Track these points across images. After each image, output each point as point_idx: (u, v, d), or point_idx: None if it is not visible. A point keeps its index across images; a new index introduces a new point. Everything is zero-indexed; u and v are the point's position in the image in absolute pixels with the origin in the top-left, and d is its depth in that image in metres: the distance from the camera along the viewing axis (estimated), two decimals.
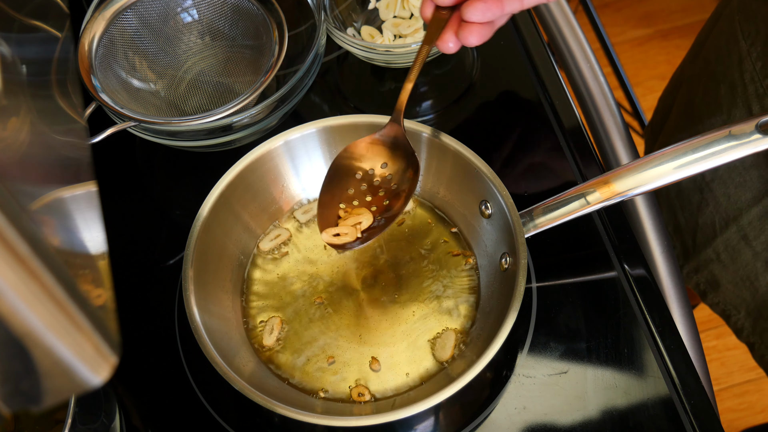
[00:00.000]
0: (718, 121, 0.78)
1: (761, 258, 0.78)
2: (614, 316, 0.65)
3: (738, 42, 0.75)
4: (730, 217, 0.79)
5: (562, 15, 0.86)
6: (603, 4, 1.94)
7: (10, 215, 0.27)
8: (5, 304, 0.27)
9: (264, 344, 0.64)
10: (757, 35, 0.72)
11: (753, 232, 0.78)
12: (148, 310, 0.69)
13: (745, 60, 0.73)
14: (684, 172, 0.58)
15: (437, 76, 0.81)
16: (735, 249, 0.81)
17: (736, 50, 0.75)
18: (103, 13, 0.72)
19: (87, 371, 0.30)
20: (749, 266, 0.80)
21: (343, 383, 0.62)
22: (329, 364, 0.62)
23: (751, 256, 0.79)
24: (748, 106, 0.73)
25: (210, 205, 0.63)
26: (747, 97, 0.73)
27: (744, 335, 0.86)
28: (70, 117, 0.42)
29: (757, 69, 0.72)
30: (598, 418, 0.61)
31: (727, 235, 0.81)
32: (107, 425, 0.60)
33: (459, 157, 0.64)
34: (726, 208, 0.80)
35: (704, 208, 0.82)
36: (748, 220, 0.78)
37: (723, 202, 0.80)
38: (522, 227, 0.60)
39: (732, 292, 0.84)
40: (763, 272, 0.79)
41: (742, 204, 0.78)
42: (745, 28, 0.74)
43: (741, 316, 0.85)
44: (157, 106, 0.74)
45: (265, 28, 0.74)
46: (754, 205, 0.77)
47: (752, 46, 0.72)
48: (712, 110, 0.79)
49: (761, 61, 0.71)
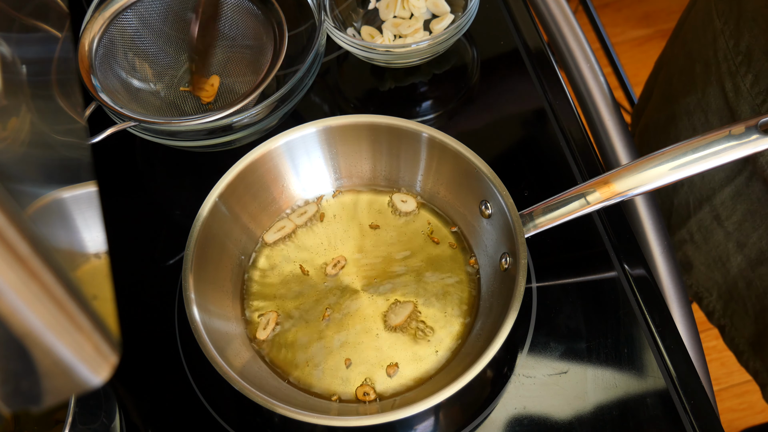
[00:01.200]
0: (693, 100, 0.78)
1: (732, 238, 0.79)
2: (614, 316, 0.65)
3: (713, 21, 0.75)
4: (704, 197, 0.80)
5: (562, 15, 0.86)
6: (603, 4, 1.94)
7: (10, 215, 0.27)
8: (5, 304, 0.27)
9: (264, 344, 0.64)
10: (730, 13, 0.72)
11: (725, 212, 0.78)
12: (148, 310, 0.69)
13: (719, 38, 0.73)
14: (684, 172, 0.59)
15: (437, 76, 0.81)
16: (708, 229, 0.81)
17: (711, 29, 0.75)
18: (103, 13, 0.72)
19: (87, 371, 0.30)
20: (721, 246, 0.80)
21: (346, 383, 0.62)
22: (329, 363, 0.62)
23: (723, 236, 0.79)
24: (721, 84, 0.74)
25: (210, 205, 0.63)
26: (720, 75, 0.73)
27: (715, 318, 0.86)
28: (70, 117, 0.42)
29: (729, 47, 0.72)
30: (598, 418, 0.61)
31: (701, 216, 0.81)
32: (107, 425, 0.60)
33: (459, 157, 0.65)
34: (700, 188, 0.80)
35: (679, 189, 0.83)
36: (720, 200, 0.78)
37: (697, 181, 0.80)
38: (522, 227, 0.60)
39: (704, 274, 0.84)
40: (735, 253, 0.79)
41: (715, 184, 0.78)
42: (720, 7, 0.74)
43: (713, 299, 0.85)
44: (157, 106, 0.74)
45: (265, 28, 0.74)
46: (726, 185, 0.77)
47: (725, 25, 0.72)
48: (688, 89, 0.79)
49: (734, 39, 0.71)
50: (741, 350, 0.85)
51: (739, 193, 0.76)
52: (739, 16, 0.71)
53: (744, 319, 0.82)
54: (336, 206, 0.70)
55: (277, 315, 0.65)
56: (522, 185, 0.72)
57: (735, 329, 0.84)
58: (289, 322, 0.65)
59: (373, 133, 0.68)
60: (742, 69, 0.70)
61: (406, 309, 0.64)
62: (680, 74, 0.81)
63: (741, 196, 0.76)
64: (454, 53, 0.82)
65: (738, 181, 0.75)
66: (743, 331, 0.83)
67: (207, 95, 0.75)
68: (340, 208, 0.70)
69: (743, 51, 0.70)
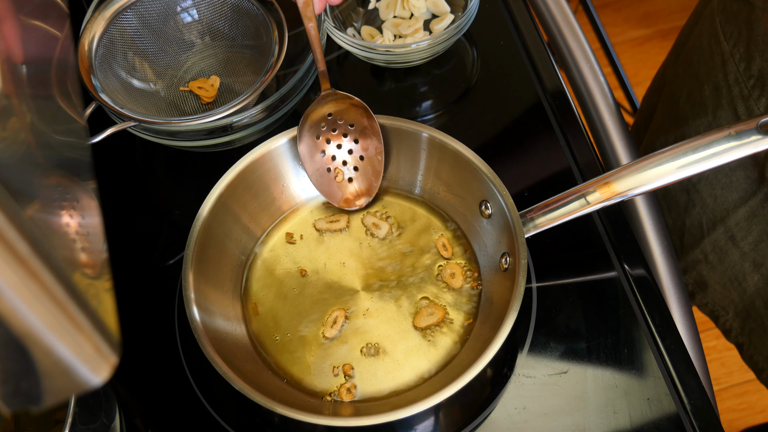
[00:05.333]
0: (703, 123, 0.78)
1: (749, 258, 0.78)
2: (614, 316, 0.65)
3: (720, 43, 0.74)
4: (717, 218, 0.79)
5: (562, 15, 0.86)
6: (603, 4, 1.94)
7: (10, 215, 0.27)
8: (5, 304, 0.27)
9: (264, 343, 0.64)
10: (739, 36, 0.72)
11: (740, 232, 0.78)
12: (148, 310, 0.69)
13: (729, 61, 0.73)
14: (684, 172, 0.58)
15: (437, 76, 0.81)
16: (722, 250, 0.81)
17: (718, 51, 0.75)
18: (103, 13, 0.72)
19: (87, 371, 0.30)
20: (737, 267, 0.80)
21: (346, 382, 0.62)
22: (329, 363, 0.62)
23: (738, 256, 0.79)
24: (733, 107, 0.73)
25: (210, 205, 0.63)
26: (732, 98, 0.73)
27: (732, 336, 0.86)
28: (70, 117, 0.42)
29: (740, 70, 0.72)
30: (598, 418, 0.61)
31: (715, 236, 0.81)
32: (107, 425, 0.60)
33: (459, 157, 0.65)
34: (713, 209, 0.80)
35: (691, 210, 0.82)
36: (735, 221, 0.78)
37: (710, 203, 0.80)
38: (522, 227, 0.60)
39: (720, 293, 0.84)
40: (751, 272, 0.79)
41: (728, 205, 0.78)
42: (727, 29, 0.73)
43: (729, 317, 0.85)
44: (157, 106, 0.74)
45: (265, 28, 0.74)
46: (740, 206, 0.77)
47: (735, 48, 0.72)
48: (697, 112, 0.79)
49: (744, 63, 0.71)
50: (761, 368, 0.84)
51: (755, 213, 0.76)
52: (749, 38, 0.70)
53: (762, 337, 0.82)
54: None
55: (281, 320, 0.65)
56: (522, 185, 0.72)
57: (753, 347, 0.84)
58: (289, 321, 0.65)
59: None
60: (755, 92, 0.70)
61: (412, 309, 0.64)
62: (688, 96, 0.81)
63: (756, 216, 0.76)
64: (454, 53, 0.82)
65: (753, 202, 0.75)
66: (762, 349, 0.83)
67: (207, 95, 0.75)
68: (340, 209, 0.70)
69: (755, 74, 0.70)
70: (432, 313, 0.64)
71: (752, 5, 0.69)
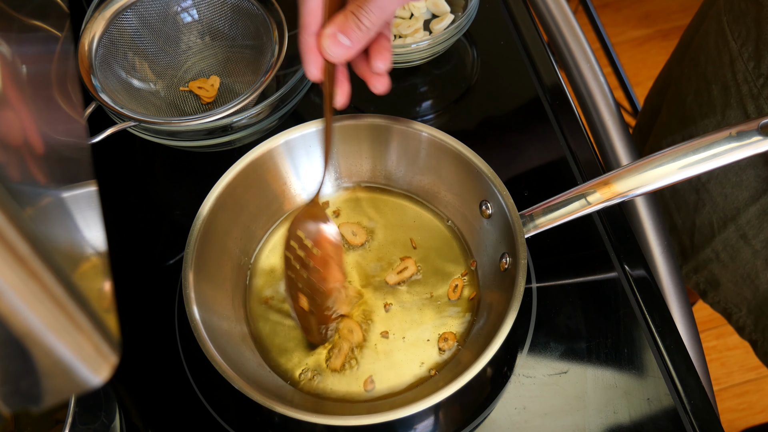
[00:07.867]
0: (712, 122, 0.78)
1: (761, 256, 0.79)
2: (614, 316, 0.65)
3: (728, 42, 0.74)
4: (728, 217, 0.79)
5: (562, 15, 0.86)
6: (603, 4, 1.94)
7: (10, 215, 0.27)
8: (5, 304, 0.27)
9: (264, 343, 0.64)
10: (747, 35, 0.71)
11: (752, 230, 0.78)
12: (148, 310, 0.69)
13: (737, 60, 0.73)
14: (685, 173, 0.58)
15: (437, 76, 0.81)
16: (734, 248, 0.81)
17: (726, 50, 0.75)
18: (103, 13, 0.72)
19: (87, 371, 0.30)
20: (749, 264, 0.80)
21: (346, 382, 0.62)
22: (330, 363, 0.62)
23: (750, 254, 0.79)
24: (743, 106, 0.73)
25: (210, 205, 0.63)
26: (741, 97, 0.73)
27: (746, 333, 0.86)
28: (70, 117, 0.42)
29: (749, 69, 0.72)
30: (598, 418, 0.61)
31: (726, 235, 0.81)
32: (107, 425, 0.60)
33: (459, 157, 0.65)
34: (723, 208, 0.80)
35: (701, 209, 0.82)
36: (746, 219, 0.78)
37: (720, 202, 0.80)
38: (522, 227, 0.60)
39: (732, 291, 0.84)
40: (764, 270, 0.79)
41: (739, 203, 0.78)
42: (734, 29, 0.73)
43: (742, 314, 0.85)
44: (157, 106, 0.74)
45: (265, 28, 0.74)
46: (751, 204, 0.77)
47: (743, 47, 0.72)
48: (706, 111, 0.79)
49: (753, 62, 0.71)
50: None
51: (766, 211, 0.76)
52: (757, 37, 0.70)
53: None
54: (337, 205, 0.71)
55: (281, 320, 0.65)
56: (522, 185, 0.72)
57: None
58: (289, 321, 0.65)
59: (373, 133, 0.68)
60: (765, 91, 0.70)
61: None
62: (695, 96, 0.81)
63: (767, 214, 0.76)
64: (454, 53, 0.82)
65: (764, 200, 0.75)
66: None
67: (207, 95, 0.75)
68: (341, 208, 0.70)
69: (765, 73, 0.70)
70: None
71: (760, 4, 0.69)
